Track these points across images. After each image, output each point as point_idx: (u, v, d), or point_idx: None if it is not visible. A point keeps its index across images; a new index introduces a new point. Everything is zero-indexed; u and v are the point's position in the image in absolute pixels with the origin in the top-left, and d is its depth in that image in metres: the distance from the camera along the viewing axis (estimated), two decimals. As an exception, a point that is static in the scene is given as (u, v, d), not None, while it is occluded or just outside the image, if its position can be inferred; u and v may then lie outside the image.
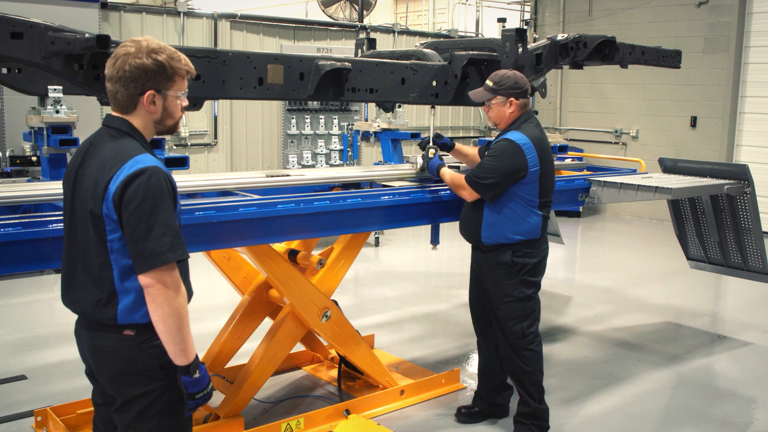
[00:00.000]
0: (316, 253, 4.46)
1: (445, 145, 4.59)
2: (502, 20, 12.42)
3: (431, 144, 4.53)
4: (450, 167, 4.45)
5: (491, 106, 4.12)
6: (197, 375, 2.50)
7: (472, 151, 4.60)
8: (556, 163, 6.03)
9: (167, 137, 3.34)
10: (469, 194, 4.10)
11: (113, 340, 2.48)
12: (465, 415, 4.51)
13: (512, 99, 4.06)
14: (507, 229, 4.07)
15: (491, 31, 13.47)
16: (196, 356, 2.50)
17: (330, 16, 12.17)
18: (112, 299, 2.44)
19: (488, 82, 4.09)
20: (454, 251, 9.85)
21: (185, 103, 2.58)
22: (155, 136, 2.64)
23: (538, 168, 4.00)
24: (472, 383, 5.11)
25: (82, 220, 2.47)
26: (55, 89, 3.38)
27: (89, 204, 2.42)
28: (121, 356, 2.48)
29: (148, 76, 2.44)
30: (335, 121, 10.08)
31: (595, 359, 5.68)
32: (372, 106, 8.71)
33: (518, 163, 3.95)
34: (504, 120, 4.12)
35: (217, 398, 4.48)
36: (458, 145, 4.63)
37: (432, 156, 4.48)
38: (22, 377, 5.04)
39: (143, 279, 2.38)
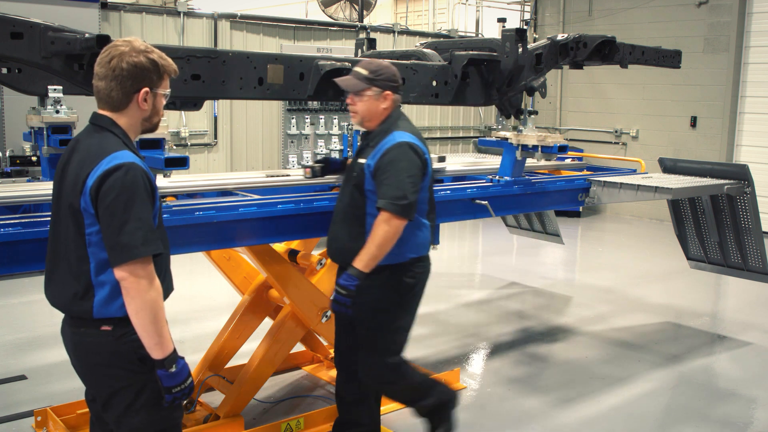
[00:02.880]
0: (316, 253, 4.46)
1: (331, 163, 4.08)
2: (502, 20, 12.42)
3: (312, 163, 4.01)
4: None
5: (362, 99, 3.51)
6: (173, 369, 2.52)
7: None
8: (556, 163, 6.05)
9: (167, 137, 3.36)
10: (401, 222, 3.36)
11: (93, 336, 2.53)
12: None
13: (388, 92, 3.51)
14: (398, 247, 3.44)
15: (491, 31, 13.47)
16: (174, 350, 2.52)
17: (330, 16, 12.18)
18: (88, 292, 2.49)
19: (362, 71, 3.51)
20: (454, 251, 9.86)
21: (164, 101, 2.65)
22: (142, 135, 2.70)
23: (430, 171, 3.56)
24: (472, 383, 5.11)
25: (64, 215, 2.52)
26: (55, 89, 3.37)
27: (70, 198, 2.48)
28: (102, 351, 2.53)
29: (144, 74, 2.51)
30: (335, 121, 10.08)
31: (595, 359, 5.68)
32: (372, 106, 8.70)
33: (422, 167, 3.45)
34: (376, 117, 3.54)
35: (217, 398, 4.49)
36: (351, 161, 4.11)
37: (308, 174, 3.98)
38: (22, 377, 5.04)
39: (117, 272, 2.43)
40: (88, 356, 2.58)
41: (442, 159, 5.02)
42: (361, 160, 3.51)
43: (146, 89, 2.53)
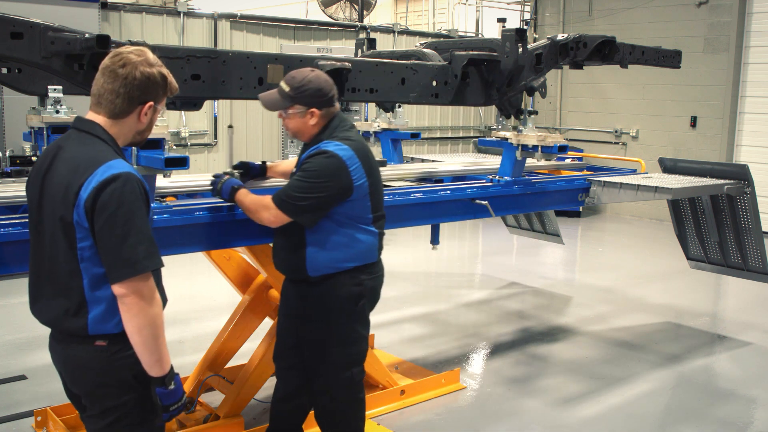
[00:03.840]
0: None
1: (249, 169, 3.81)
2: (502, 20, 12.43)
3: (230, 169, 3.74)
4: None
5: (288, 116, 3.34)
6: (172, 386, 2.47)
7: (290, 164, 3.90)
8: (556, 163, 6.05)
9: (168, 137, 3.34)
10: (273, 217, 3.29)
11: (85, 352, 2.43)
12: None
13: (314, 109, 3.31)
14: (336, 257, 3.36)
15: (491, 31, 13.47)
16: (171, 367, 2.47)
17: (330, 16, 12.18)
18: (81, 309, 2.38)
19: (284, 86, 3.31)
20: (454, 251, 9.86)
21: None
22: (130, 145, 2.62)
23: (365, 180, 3.33)
24: (472, 383, 5.11)
25: (51, 227, 2.40)
26: (55, 89, 3.37)
27: (59, 210, 2.35)
28: (94, 367, 2.43)
29: (154, 87, 2.46)
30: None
31: (595, 359, 5.68)
32: (372, 106, 8.72)
33: (342, 181, 3.25)
34: (306, 133, 3.38)
35: (217, 398, 4.49)
36: (272, 165, 3.93)
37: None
38: (22, 377, 5.04)
39: (118, 288, 2.32)
40: (81, 373, 2.48)
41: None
42: (294, 171, 3.45)
43: (151, 103, 2.47)
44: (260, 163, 3.90)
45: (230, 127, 9.81)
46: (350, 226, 3.36)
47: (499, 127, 5.23)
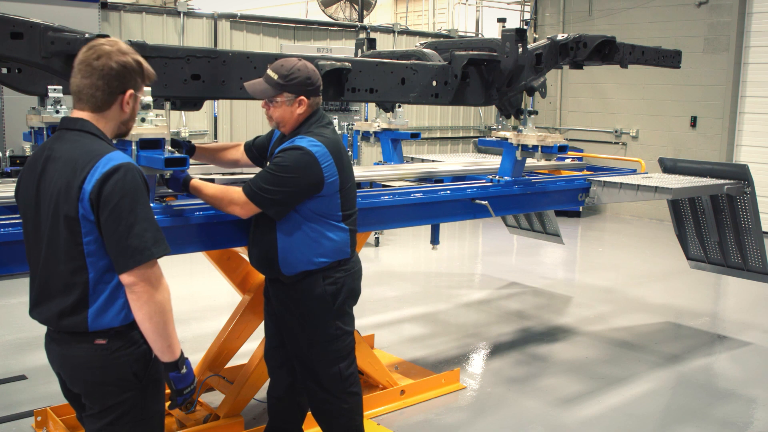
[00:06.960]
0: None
1: (180, 146, 3.69)
2: (502, 20, 12.43)
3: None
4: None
5: (275, 104, 3.34)
6: (184, 370, 2.50)
7: (216, 146, 3.96)
8: (556, 163, 6.04)
9: (167, 137, 3.33)
10: (242, 208, 3.30)
11: (85, 350, 2.43)
12: None
13: (302, 97, 3.33)
14: (307, 253, 3.36)
15: (491, 31, 13.47)
16: (182, 351, 2.50)
17: (330, 16, 12.18)
18: (81, 303, 2.39)
19: (272, 74, 3.31)
20: (454, 251, 9.86)
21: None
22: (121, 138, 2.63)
23: (337, 178, 3.34)
24: (472, 383, 5.11)
25: (50, 228, 2.40)
26: (55, 89, 3.37)
27: (62, 208, 2.36)
28: (94, 366, 2.44)
29: (131, 75, 2.47)
30: (335, 121, 10.04)
31: (595, 359, 5.68)
32: (372, 106, 8.72)
33: (313, 176, 3.26)
34: (291, 122, 3.38)
35: (217, 398, 4.49)
36: (200, 146, 3.89)
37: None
38: (22, 377, 5.04)
39: (126, 278, 2.34)
40: (80, 372, 2.47)
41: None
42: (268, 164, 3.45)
43: (131, 91, 2.47)
44: (190, 144, 3.81)
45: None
46: (320, 223, 3.37)
47: (499, 127, 5.23)
